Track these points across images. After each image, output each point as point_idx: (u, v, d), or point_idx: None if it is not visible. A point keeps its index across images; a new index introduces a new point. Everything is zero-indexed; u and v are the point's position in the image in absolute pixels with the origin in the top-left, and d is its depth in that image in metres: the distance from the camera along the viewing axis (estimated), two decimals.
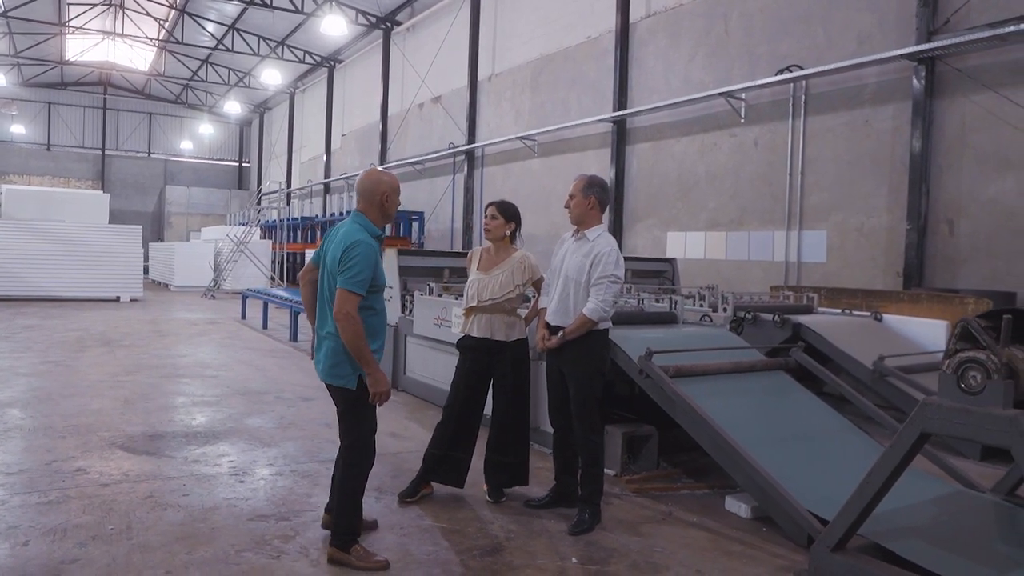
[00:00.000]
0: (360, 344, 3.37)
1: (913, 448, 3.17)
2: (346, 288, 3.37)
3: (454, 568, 3.53)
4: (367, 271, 3.42)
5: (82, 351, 9.84)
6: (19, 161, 35.83)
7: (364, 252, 3.43)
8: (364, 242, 3.47)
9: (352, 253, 3.41)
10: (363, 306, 3.47)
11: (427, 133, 22.34)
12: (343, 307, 3.36)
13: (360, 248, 3.43)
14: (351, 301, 3.36)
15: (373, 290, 3.55)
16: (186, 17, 27.08)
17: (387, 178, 3.70)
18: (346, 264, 3.40)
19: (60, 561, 3.44)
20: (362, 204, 3.65)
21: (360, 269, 3.39)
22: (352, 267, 3.39)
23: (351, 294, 3.37)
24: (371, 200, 3.63)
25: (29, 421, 6.01)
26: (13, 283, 16.87)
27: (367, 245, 3.47)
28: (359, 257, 3.41)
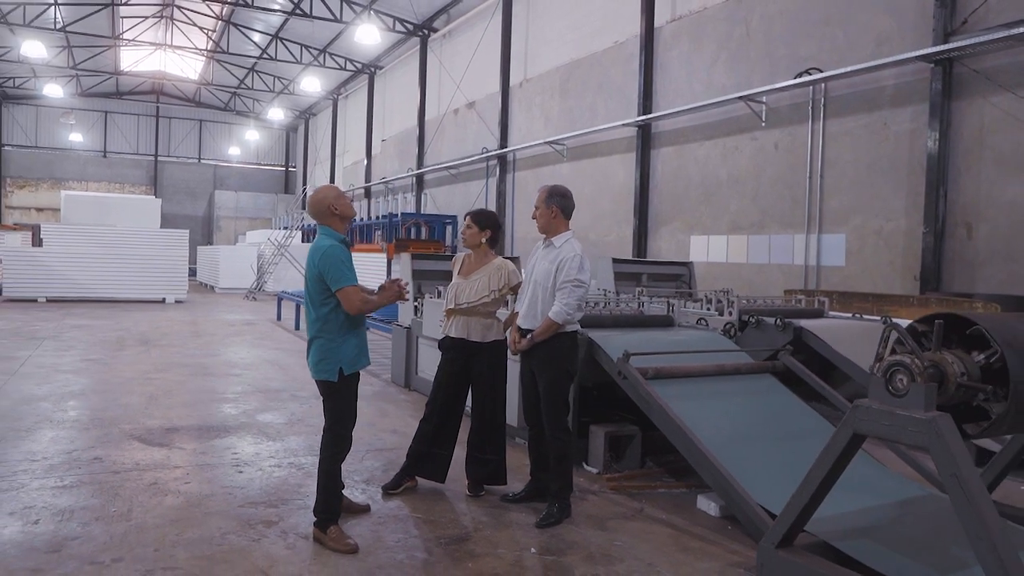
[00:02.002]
0: (370, 309, 3.96)
1: (847, 449, 3.29)
2: (341, 287, 3.81)
3: (417, 554, 3.78)
4: (346, 265, 3.86)
5: (121, 350, 10.39)
6: (77, 168, 37.42)
7: (337, 252, 3.89)
8: (334, 245, 3.92)
9: (328, 259, 3.85)
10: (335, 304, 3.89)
11: (462, 138, 22.69)
12: (351, 304, 3.83)
13: (333, 250, 3.88)
14: (352, 294, 3.82)
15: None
16: (232, 27, 27.99)
17: (325, 190, 4.13)
18: (329, 271, 3.82)
19: (64, 538, 3.79)
20: (320, 220, 4.06)
21: (340, 267, 3.84)
22: (334, 269, 3.82)
23: (348, 289, 3.81)
24: (324, 213, 4.04)
25: (59, 414, 6.46)
26: (67, 285, 17.71)
27: (337, 247, 3.92)
28: (334, 259, 3.85)
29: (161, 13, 28.44)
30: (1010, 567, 2.68)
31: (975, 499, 2.79)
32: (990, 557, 2.72)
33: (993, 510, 2.80)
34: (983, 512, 2.77)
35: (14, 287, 17.13)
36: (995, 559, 2.70)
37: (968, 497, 2.80)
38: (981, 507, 2.78)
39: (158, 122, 39.03)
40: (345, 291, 3.79)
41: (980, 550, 2.76)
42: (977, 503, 2.79)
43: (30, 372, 8.41)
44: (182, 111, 39.48)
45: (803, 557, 3.47)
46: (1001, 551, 2.70)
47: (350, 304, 3.81)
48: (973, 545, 2.79)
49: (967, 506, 2.80)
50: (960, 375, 3.10)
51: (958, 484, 2.83)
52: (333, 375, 3.94)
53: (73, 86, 34.78)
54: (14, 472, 4.81)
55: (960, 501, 2.83)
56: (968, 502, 2.80)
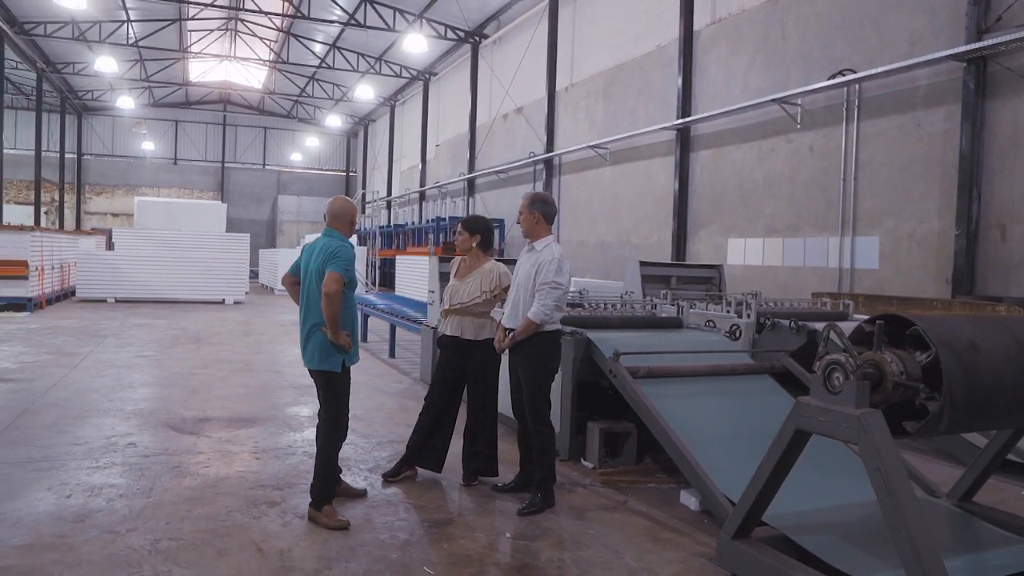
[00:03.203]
0: (336, 313, 4.19)
1: (792, 444, 3.44)
2: (336, 271, 4.20)
3: (400, 534, 4.08)
4: (350, 264, 4.30)
5: (173, 347, 11.07)
6: (150, 175, 39.36)
7: (347, 252, 4.34)
8: (346, 246, 4.38)
9: (340, 252, 4.29)
10: (345, 303, 4.30)
11: (510, 143, 23.04)
12: (332, 285, 4.18)
13: (344, 249, 4.34)
14: (339, 281, 4.19)
15: (350, 287, 4.38)
16: (291, 38, 29.04)
17: (350, 205, 4.60)
18: (336, 258, 4.26)
19: (90, 510, 4.24)
20: (335, 223, 4.48)
21: (346, 261, 4.28)
22: (342, 259, 4.26)
23: (339, 276, 4.19)
24: (343, 219, 4.49)
25: (107, 404, 7.03)
26: (135, 286, 18.74)
27: (347, 247, 4.37)
28: (343, 253, 4.30)
29: (226, 26, 29.72)
30: (925, 559, 2.80)
31: (897, 493, 2.92)
32: (907, 549, 2.85)
33: (914, 504, 2.93)
34: (903, 506, 2.90)
35: (86, 288, 18.26)
36: (912, 551, 2.83)
37: (890, 491, 2.93)
38: (902, 501, 2.91)
39: (225, 130, 40.67)
40: (334, 274, 4.15)
41: (899, 541, 2.89)
42: (898, 497, 2.92)
43: (88, 366, 9.09)
44: (247, 119, 41.04)
45: (757, 548, 3.62)
46: (917, 543, 2.83)
47: (329, 284, 4.13)
48: (893, 537, 2.92)
49: (888, 499, 2.93)
50: (899, 374, 3.22)
51: (881, 478, 2.96)
52: (337, 366, 4.32)
53: (146, 97, 36.63)
54: (58, 454, 5.33)
55: (882, 494, 2.96)
56: (889, 496, 2.93)
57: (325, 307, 4.15)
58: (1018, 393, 3.33)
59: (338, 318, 4.17)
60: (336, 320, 4.16)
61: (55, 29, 24.64)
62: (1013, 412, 3.39)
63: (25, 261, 14.79)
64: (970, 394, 3.17)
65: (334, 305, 4.14)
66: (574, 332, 5.72)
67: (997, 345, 3.33)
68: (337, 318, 4.17)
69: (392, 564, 3.69)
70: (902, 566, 2.91)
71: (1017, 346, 3.39)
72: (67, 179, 35.93)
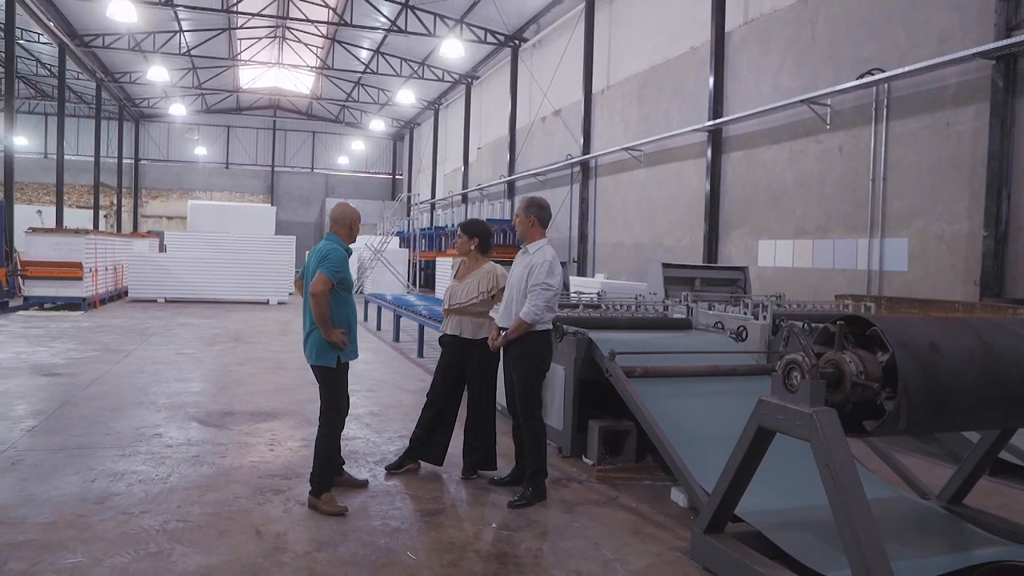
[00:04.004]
0: (323, 313, 4.42)
1: (756, 441, 3.55)
2: (324, 272, 4.46)
3: (392, 522, 4.30)
4: (340, 266, 4.53)
5: (212, 345, 11.55)
6: (203, 179, 40.70)
7: (338, 254, 4.57)
8: (337, 248, 4.61)
9: (331, 255, 4.53)
10: (340, 301, 4.59)
11: (548, 145, 23.20)
12: (318, 286, 4.44)
13: (336, 252, 4.57)
14: (325, 283, 4.43)
15: (345, 288, 4.64)
16: (337, 45, 29.73)
17: (352, 209, 4.83)
18: (326, 260, 4.51)
19: (110, 494, 4.57)
20: (335, 227, 4.75)
21: (335, 263, 4.51)
22: (331, 261, 4.50)
23: (326, 277, 4.44)
24: (342, 223, 4.74)
25: (141, 398, 7.45)
26: (183, 287, 19.47)
27: (339, 251, 4.61)
28: (334, 256, 4.54)
29: (274, 34, 30.57)
30: (868, 553, 2.90)
31: (844, 489, 3.02)
32: (851, 541, 2.95)
33: (861, 501, 3.01)
34: (849, 501, 2.99)
35: (137, 288, 19.06)
36: (856, 544, 2.93)
37: (838, 487, 3.03)
38: (849, 497, 3.01)
39: (275, 135, 41.79)
40: (321, 275, 4.40)
41: (845, 535, 2.99)
42: (845, 493, 3.01)
43: (130, 363, 9.58)
44: (296, 124, 42.08)
45: (727, 542, 3.74)
46: (861, 537, 2.92)
47: (315, 285, 4.38)
48: (839, 531, 3.02)
49: (836, 494, 3.03)
50: (858, 374, 3.30)
51: (830, 474, 3.06)
52: (332, 362, 4.58)
53: (199, 104, 37.93)
54: (89, 443, 5.72)
55: (830, 489, 3.06)
56: (837, 491, 3.03)
57: (312, 307, 4.41)
58: (982, 394, 3.38)
59: (326, 317, 4.41)
60: (324, 319, 4.40)
61: (112, 41, 25.75)
62: (978, 413, 3.44)
63: (79, 263, 15.56)
64: (928, 394, 3.24)
65: (319, 305, 4.39)
66: (576, 332, 5.87)
67: (960, 346, 3.39)
68: (325, 317, 4.40)
69: (379, 548, 3.91)
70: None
71: (982, 347, 3.43)
72: (125, 184, 37.41)
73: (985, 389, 3.37)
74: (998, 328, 3.62)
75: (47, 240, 15.83)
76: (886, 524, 4.21)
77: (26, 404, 7.00)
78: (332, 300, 4.52)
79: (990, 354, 3.42)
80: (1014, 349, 3.49)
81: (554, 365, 6.14)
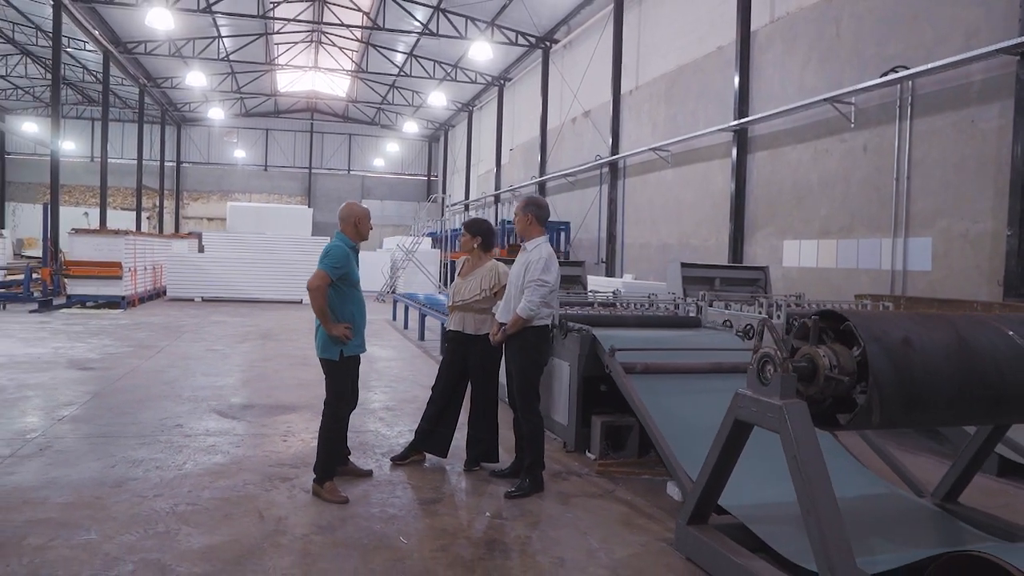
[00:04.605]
0: (321, 307, 4.64)
1: (733, 434, 3.63)
2: (321, 268, 4.68)
3: (390, 509, 4.47)
4: (339, 262, 4.71)
5: (241, 342, 11.89)
6: (242, 181, 41.62)
7: (338, 251, 4.77)
8: (339, 246, 4.81)
9: (331, 252, 4.75)
10: (344, 297, 4.77)
11: (578, 146, 23.27)
12: (314, 281, 4.66)
13: (336, 248, 4.78)
14: (322, 278, 4.65)
15: (348, 284, 4.82)
16: (371, 48, 30.19)
17: (357, 208, 5.00)
18: (326, 256, 4.74)
19: (127, 479, 4.83)
20: (342, 226, 4.93)
21: (334, 259, 4.71)
22: (330, 257, 4.71)
23: (323, 273, 4.65)
24: (347, 222, 4.93)
25: (166, 390, 7.76)
26: (219, 286, 20.02)
27: (340, 247, 4.80)
28: (334, 252, 4.75)
29: (310, 38, 31.16)
30: (831, 542, 2.96)
31: (810, 480, 3.09)
32: (816, 530, 3.02)
33: (826, 491, 3.08)
34: (815, 491, 3.06)
35: (175, 287, 19.64)
36: (819, 532, 3.00)
37: (804, 478, 3.10)
38: (814, 487, 3.07)
39: (312, 137, 42.53)
40: (318, 271, 4.61)
41: (809, 524, 3.06)
42: (811, 484, 3.08)
43: (161, 358, 9.94)
44: (333, 126, 42.77)
45: (708, 533, 3.83)
46: (824, 526, 2.99)
47: (312, 280, 4.59)
48: (804, 520, 3.09)
49: (802, 485, 3.10)
50: (831, 367, 3.36)
51: (797, 465, 3.13)
52: (335, 355, 4.77)
53: (238, 108, 38.79)
54: (113, 432, 6.01)
55: (797, 480, 3.14)
56: (803, 482, 3.10)
57: (311, 301, 4.60)
58: (958, 389, 3.41)
59: (325, 311, 4.61)
60: (324, 313, 4.60)
61: (154, 47, 26.54)
62: (955, 408, 3.47)
63: (119, 263, 16.11)
64: (901, 388, 3.28)
65: (316, 300, 4.59)
66: (580, 329, 5.98)
67: (935, 342, 3.42)
68: (324, 311, 4.60)
69: (373, 533, 4.08)
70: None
71: (959, 343, 3.47)
72: (167, 186, 38.48)
73: (961, 385, 3.40)
74: (980, 325, 3.64)
75: (89, 241, 16.43)
76: (875, 520, 4.26)
77: (60, 396, 7.35)
78: (336, 296, 4.71)
79: (967, 350, 3.45)
80: (994, 345, 3.52)
81: (559, 361, 6.28)
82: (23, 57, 29.48)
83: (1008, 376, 3.47)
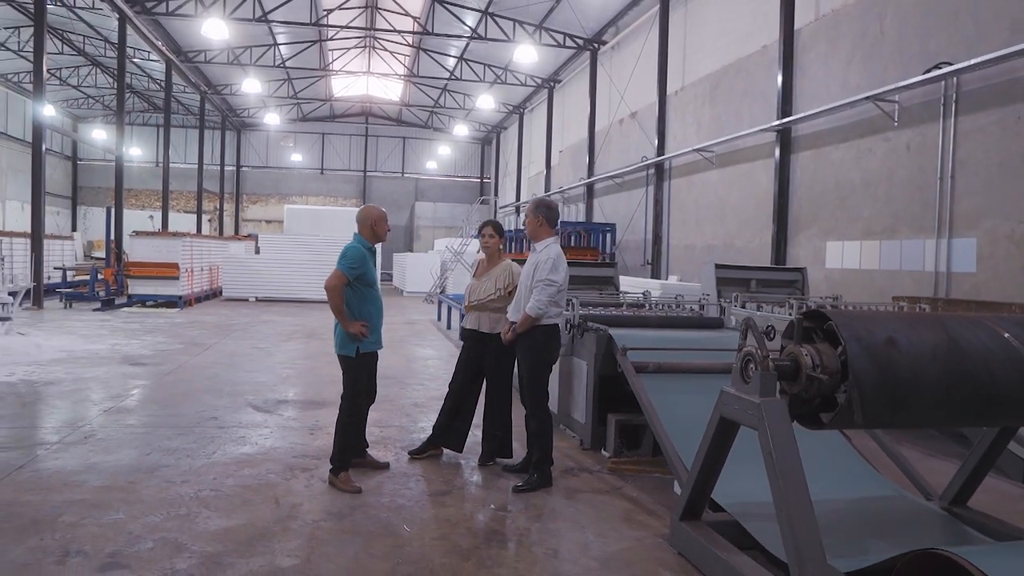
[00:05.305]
0: (336, 306, 4.87)
1: (720, 431, 3.70)
2: (338, 268, 4.90)
3: (399, 500, 4.67)
4: (356, 263, 4.92)
5: (287, 341, 12.33)
6: (299, 184, 42.77)
7: (355, 252, 4.97)
8: (356, 246, 5.02)
9: (348, 253, 4.96)
10: (362, 296, 4.99)
11: (625, 147, 23.23)
12: (331, 280, 4.88)
13: (353, 250, 4.99)
14: (338, 278, 4.88)
15: (365, 284, 5.03)
16: (422, 53, 30.70)
17: (374, 211, 5.20)
18: (343, 257, 4.95)
19: (160, 466, 5.15)
20: (359, 228, 5.13)
21: (351, 260, 4.92)
22: (347, 258, 4.93)
23: (340, 273, 4.87)
24: (364, 224, 5.15)
25: (208, 385, 8.15)
26: (273, 286, 20.69)
27: (358, 249, 5.01)
28: (351, 253, 4.96)
29: (363, 44, 31.86)
30: (801, 537, 3.02)
31: (785, 477, 3.15)
32: (787, 527, 3.08)
33: (800, 489, 3.13)
34: (788, 488, 3.12)
35: (231, 288, 20.40)
36: (791, 529, 3.05)
37: (779, 474, 3.16)
38: (788, 484, 3.13)
39: (367, 141, 43.42)
40: (336, 271, 4.83)
41: (781, 521, 3.12)
42: (786, 481, 3.14)
43: (209, 355, 10.41)
44: (387, 130, 43.58)
45: (699, 529, 3.91)
46: (795, 522, 3.05)
47: (329, 280, 4.81)
48: (777, 516, 3.15)
49: (776, 482, 3.16)
50: (813, 367, 3.40)
51: (772, 463, 3.19)
52: (352, 352, 4.99)
53: (294, 112, 39.88)
54: (153, 423, 6.38)
55: (772, 476, 3.20)
56: (778, 478, 3.16)
57: (328, 300, 4.82)
58: (946, 390, 3.41)
59: (341, 309, 4.82)
60: (340, 311, 4.82)
61: (213, 56, 27.56)
62: (943, 409, 3.46)
63: (176, 264, 16.84)
64: (883, 388, 3.31)
65: (332, 299, 4.81)
66: (597, 328, 6.09)
67: (922, 342, 3.43)
68: (340, 310, 4.82)
69: (379, 521, 4.28)
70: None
71: (948, 343, 3.46)
72: (228, 189, 39.80)
73: (949, 386, 3.39)
74: (974, 326, 3.62)
75: (148, 243, 17.22)
76: (876, 521, 4.26)
77: (110, 389, 7.81)
78: (353, 295, 4.93)
79: (956, 350, 3.44)
80: (985, 347, 3.50)
81: (577, 360, 6.40)
82: (93, 68, 30.97)
83: (1000, 377, 3.45)
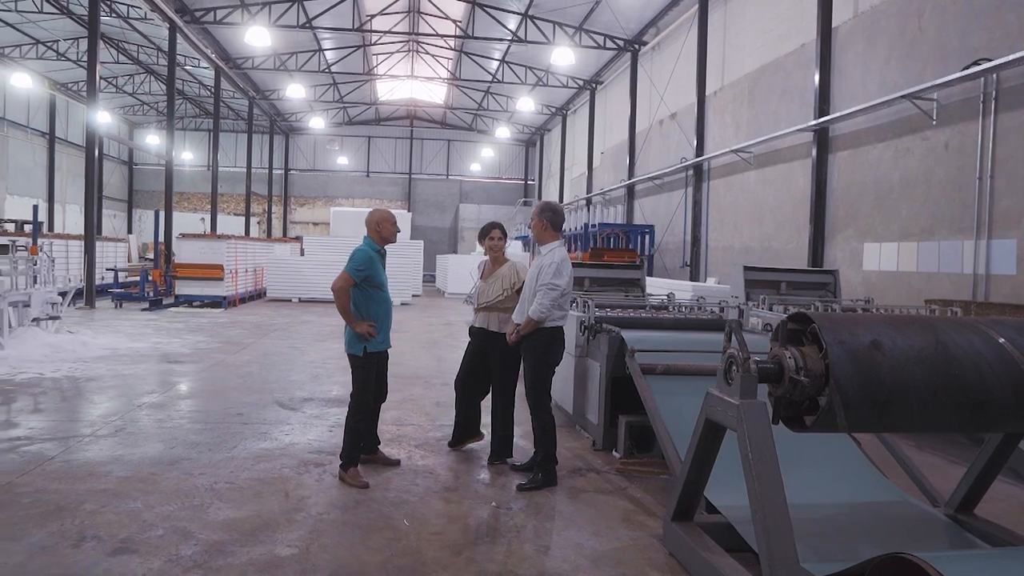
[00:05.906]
0: (343, 307, 5.02)
1: (705, 433, 3.72)
2: (345, 271, 5.06)
3: (404, 495, 4.80)
4: (362, 265, 5.07)
5: (323, 341, 12.63)
6: (345, 187, 43.54)
7: (362, 254, 5.13)
8: (363, 249, 5.18)
9: (355, 255, 5.12)
10: (369, 297, 5.14)
11: (665, 149, 23.10)
12: (337, 282, 5.05)
13: (360, 252, 5.14)
14: (345, 280, 5.04)
15: (373, 285, 5.17)
16: (464, 56, 30.99)
17: (378, 213, 5.34)
18: (350, 259, 5.11)
19: (181, 458, 5.39)
20: (368, 231, 5.26)
21: (357, 262, 5.08)
22: (353, 260, 5.09)
23: (346, 275, 5.03)
24: (371, 227, 5.31)
25: (240, 383, 8.44)
26: (316, 288, 21.06)
27: (364, 251, 5.16)
28: (358, 256, 5.11)
29: (406, 48, 32.31)
30: (774, 539, 3.04)
31: (761, 479, 3.17)
32: (761, 530, 3.10)
33: (776, 491, 3.14)
34: (764, 490, 3.15)
35: (275, 289, 20.91)
36: (764, 530, 3.08)
37: (755, 476, 3.19)
38: (764, 487, 3.16)
39: (411, 143, 43.97)
40: (343, 274, 4.99)
41: (756, 521, 3.15)
42: (762, 482, 3.16)
43: (245, 354, 10.75)
44: (431, 133, 44.07)
45: (689, 530, 3.94)
46: (769, 524, 3.07)
47: (336, 282, 4.97)
48: (752, 518, 3.18)
49: (753, 483, 3.19)
50: (796, 369, 3.41)
51: (749, 465, 3.22)
52: (359, 351, 5.14)
53: (341, 116, 40.64)
54: (180, 418, 6.66)
55: (749, 478, 3.22)
56: (755, 480, 3.19)
57: (335, 301, 4.98)
58: (933, 394, 3.38)
59: (347, 310, 4.98)
60: (347, 312, 4.98)
61: (261, 62, 28.32)
62: (931, 413, 3.43)
63: (221, 265, 17.37)
64: (866, 391, 3.30)
65: (338, 299, 4.97)
66: (609, 330, 6.13)
67: (909, 345, 3.40)
68: (346, 310, 4.98)
69: (381, 515, 4.42)
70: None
71: (936, 347, 3.43)
72: (276, 192, 40.76)
73: (937, 389, 3.36)
74: (966, 329, 3.58)
75: (194, 245, 17.79)
76: (876, 526, 4.23)
77: (146, 385, 8.16)
78: (360, 296, 5.09)
79: (945, 354, 3.40)
80: (977, 351, 3.45)
81: (591, 362, 6.46)
82: (147, 75, 32.09)
83: (991, 381, 3.40)
